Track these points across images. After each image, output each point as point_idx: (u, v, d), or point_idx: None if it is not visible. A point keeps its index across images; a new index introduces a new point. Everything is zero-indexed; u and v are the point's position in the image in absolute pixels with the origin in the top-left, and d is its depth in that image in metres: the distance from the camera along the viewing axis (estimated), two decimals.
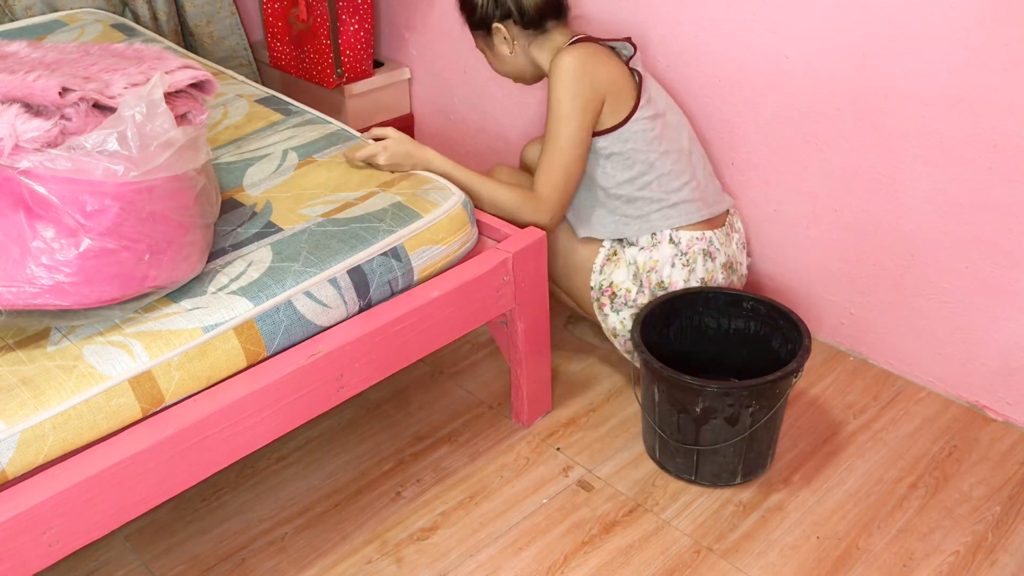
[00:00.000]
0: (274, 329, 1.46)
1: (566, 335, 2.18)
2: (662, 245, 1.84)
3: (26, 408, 1.27)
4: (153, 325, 1.39)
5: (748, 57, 1.97)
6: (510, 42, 1.85)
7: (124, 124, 1.28)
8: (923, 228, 1.86)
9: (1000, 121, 1.67)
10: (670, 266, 1.84)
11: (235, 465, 1.82)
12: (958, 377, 1.95)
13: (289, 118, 1.98)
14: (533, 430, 1.93)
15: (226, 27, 2.78)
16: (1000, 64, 1.63)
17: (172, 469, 1.36)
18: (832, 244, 2.02)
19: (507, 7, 1.81)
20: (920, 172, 1.82)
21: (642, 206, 1.84)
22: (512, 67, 1.91)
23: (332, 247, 1.55)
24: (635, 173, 1.82)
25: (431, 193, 1.69)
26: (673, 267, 1.84)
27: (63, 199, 1.26)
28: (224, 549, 1.69)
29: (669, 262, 1.84)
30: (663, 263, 1.84)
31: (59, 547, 1.28)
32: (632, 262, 1.86)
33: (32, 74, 1.29)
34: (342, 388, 1.53)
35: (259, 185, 1.73)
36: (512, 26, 1.83)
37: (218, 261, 1.52)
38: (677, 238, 1.84)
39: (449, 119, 2.83)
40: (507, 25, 1.83)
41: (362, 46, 2.69)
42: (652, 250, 1.85)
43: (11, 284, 1.26)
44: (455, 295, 1.63)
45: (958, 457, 1.83)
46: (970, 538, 1.66)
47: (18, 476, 1.27)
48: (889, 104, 1.80)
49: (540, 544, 1.68)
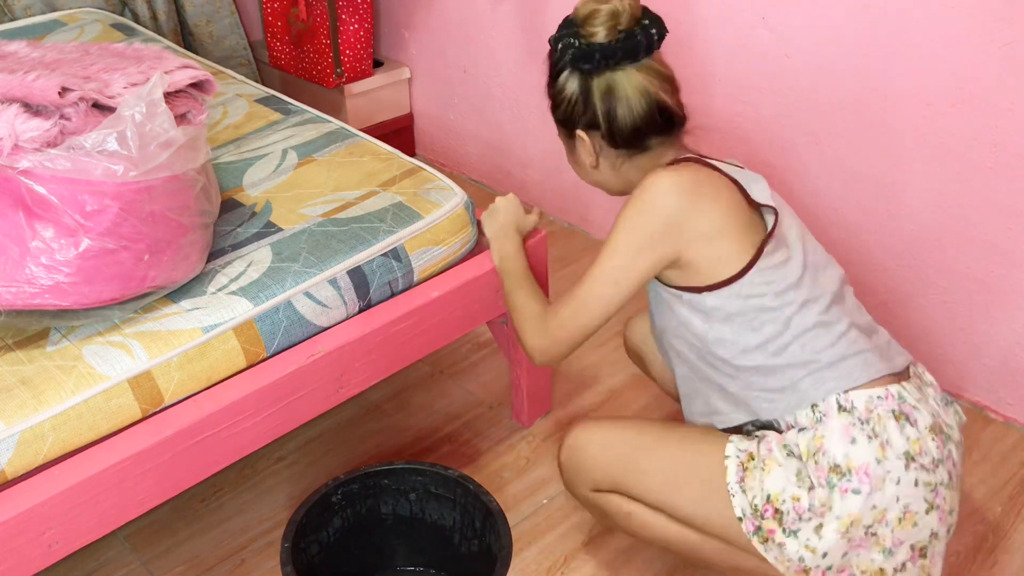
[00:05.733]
0: (274, 329, 1.45)
1: None
2: (828, 416, 1.31)
3: (25, 408, 1.27)
4: (153, 325, 1.39)
5: (749, 56, 1.97)
6: (594, 156, 1.45)
7: (124, 124, 1.28)
8: (923, 228, 1.86)
9: (1000, 121, 1.67)
10: (847, 441, 1.29)
11: (235, 465, 1.81)
12: (958, 377, 1.95)
13: (288, 117, 1.98)
14: (533, 430, 1.93)
15: (226, 27, 2.78)
16: (1000, 64, 1.63)
17: (172, 469, 1.36)
18: (832, 244, 2.02)
19: (595, 117, 1.39)
20: (920, 172, 1.82)
21: (785, 374, 1.35)
22: (593, 179, 1.51)
23: (332, 247, 1.55)
24: (766, 336, 1.35)
25: (432, 193, 1.69)
26: (853, 443, 1.28)
27: (63, 199, 1.25)
28: (224, 549, 1.69)
29: (844, 436, 1.29)
30: (834, 439, 1.29)
31: (59, 547, 1.28)
32: (790, 452, 1.33)
33: (32, 74, 1.29)
34: (342, 388, 1.53)
35: (259, 185, 1.73)
36: (599, 140, 1.42)
37: (218, 261, 1.52)
38: (848, 402, 1.31)
39: (449, 119, 2.83)
40: (592, 136, 1.42)
41: (362, 46, 2.68)
42: (817, 427, 1.32)
43: (10, 284, 1.26)
44: (455, 295, 1.63)
45: None
46: (970, 538, 1.66)
47: (18, 476, 1.27)
48: (889, 104, 1.80)
49: (540, 544, 1.68)
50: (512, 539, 1.43)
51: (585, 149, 1.44)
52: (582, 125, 1.41)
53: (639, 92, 1.37)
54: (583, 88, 1.39)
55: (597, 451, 1.45)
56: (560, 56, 1.39)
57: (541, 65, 1.48)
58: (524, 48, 2.46)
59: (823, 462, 1.29)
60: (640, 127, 1.38)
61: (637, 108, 1.37)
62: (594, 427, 1.48)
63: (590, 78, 1.37)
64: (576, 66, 1.37)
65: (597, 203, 2.49)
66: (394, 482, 1.55)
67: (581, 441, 1.47)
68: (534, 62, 2.44)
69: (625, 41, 1.34)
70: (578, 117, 1.41)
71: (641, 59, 1.36)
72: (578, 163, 1.50)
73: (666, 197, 1.33)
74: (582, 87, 1.39)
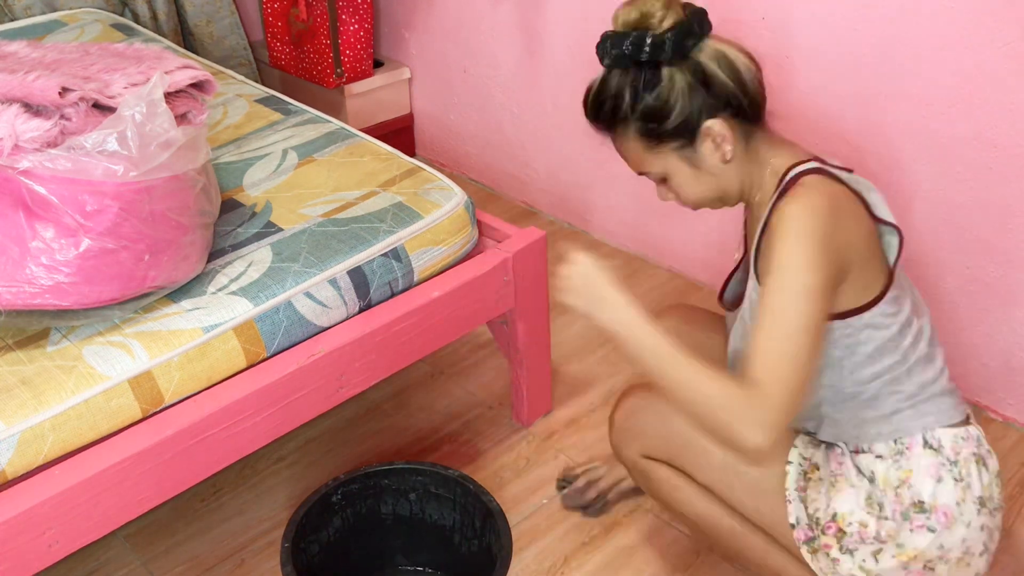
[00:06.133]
0: (274, 329, 1.46)
1: (566, 335, 2.18)
2: (913, 452, 1.29)
3: (26, 408, 1.27)
4: (153, 325, 1.39)
5: None
6: (723, 146, 1.25)
7: (124, 124, 1.28)
8: (923, 228, 1.86)
9: (1000, 121, 1.67)
10: (934, 480, 1.27)
11: (235, 465, 1.81)
12: (958, 377, 1.95)
13: (288, 117, 1.98)
14: (533, 430, 1.93)
15: (226, 27, 2.78)
16: (1000, 64, 1.63)
17: (172, 469, 1.36)
18: None
19: (726, 92, 1.23)
20: (920, 172, 1.82)
21: (887, 405, 1.30)
22: (717, 185, 1.30)
23: (332, 247, 1.55)
24: (884, 366, 1.28)
25: (432, 193, 1.69)
26: (939, 482, 1.27)
27: (63, 199, 1.25)
28: (224, 549, 1.69)
29: (931, 475, 1.27)
30: (923, 476, 1.28)
31: (59, 547, 1.28)
32: (867, 476, 1.31)
33: (32, 74, 1.29)
34: (342, 388, 1.53)
35: (259, 185, 1.73)
36: (729, 120, 1.24)
37: (218, 261, 1.52)
38: (935, 440, 1.29)
39: (449, 119, 2.83)
40: (725, 120, 1.24)
41: (362, 46, 2.68)
42: (898, 459, 1.29)
43: (11, 284, 1.26)
44: (455, 295, 1.63)
45: None
46: None
47: (18, 476, 1.27)
48: (889, 104, 1.80)
49: (540, 544, 1.68)
50: (512, 539, 1.43)
51: (710, 145, 1.25)
52: (707, 113, 1.23)
53: (740, 51, 1.25)
54: (695, 70, 1.23)
55: (656, 420, 1.40)
56: (653, 54, 1.21)
57: (541, 67, 1.47)
58: (524, 48, 2.46)
59: (906, 496, 1.27)
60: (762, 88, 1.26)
61: (751, 67, 1.24)
62: (657, 395, 1.38)
63: (696, 57, 1.23)
64: (679, 51, 1.21)
65: (597, 203, 2.49)
66: (394, 482, 1.55)
67: (641, 405, 1.42)
68: (534, 62, 2.44)
69: (694, 10, 1.24)
70: (701, 107, 1.23)
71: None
72: (697, 175, 1.29)
73: (834, 220, 1.19)
74: (694, 70, 1.23)
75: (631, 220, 2.43)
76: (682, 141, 1.25)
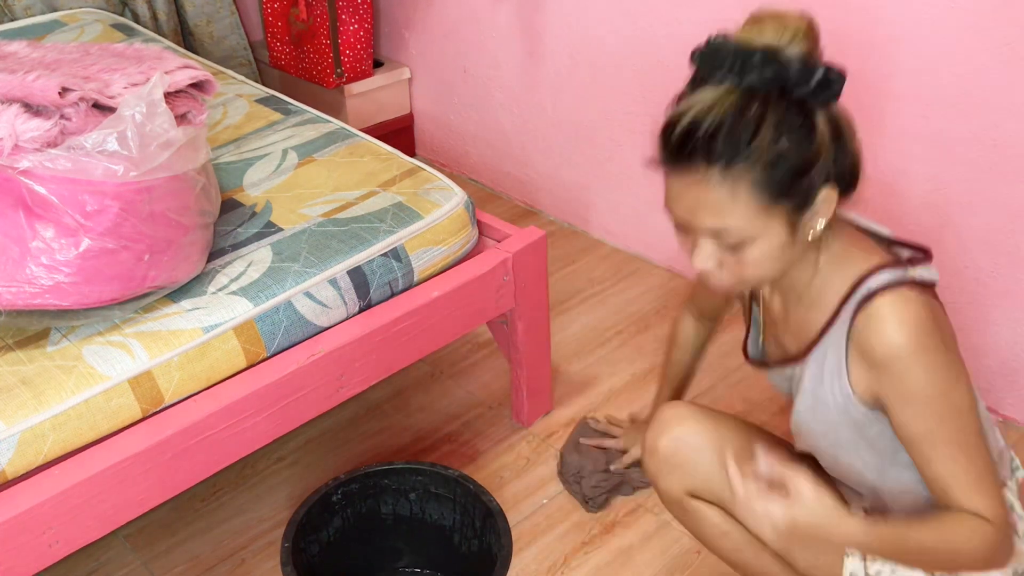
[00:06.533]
0: (274, 329, 1.46)
1: (566, 335, 2.18)
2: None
3: (26, 408, 1.27)
4: (153, 325, 1.39)
5: None
6: (821, 220, 1.07)
7: (124, 124, 1.28)
8: (923, 228, 1.86)
9: (1000, 121, 1.67)
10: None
11: (235, 465, 1.81)
12: None
13: (288, 117, 1.98)
14: (533, 430, 1.93)
15: (226, 27, 2.78)
16: (1000, 64, 1.63)
17: (172, 469, 1.36)
18: None
19: (851, 158, 1.06)
20: (920, 172, 1.82)
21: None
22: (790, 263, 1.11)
23: (332, 247, 1.55)
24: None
25: (432, 193, 1.69)
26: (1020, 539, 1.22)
27: (63, 199, 1.25)
28: (224, 549, 1.69)
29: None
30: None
31: (59, 547, 1.28)
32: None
33: (32, 74, 1.29)
34: (342, 388, 1.53)
35: (259, 185, 1.73)
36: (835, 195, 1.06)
37: (218, 261, 1.52)
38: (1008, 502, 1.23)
39: (449, 119, 2.83)
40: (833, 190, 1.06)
41: (362, 46, 2.69)
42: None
43: (11, 284, 1.26)
44: (455, 295, 1.63)
45: None
46: None
47: (18, 476, 1.27)
48: (889, 104, 1.80)
49: (540, 544, 1.68)
50: (512, 539, 1.43)
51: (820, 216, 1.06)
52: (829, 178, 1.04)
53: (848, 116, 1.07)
54: (832, 122, 1.04)
55: (711, 458, 1.27)
56: (816, 93, 1.01)
57: (541, 67, 1.46)
58: (524, 48, 2.46)
59: None
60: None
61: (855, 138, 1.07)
62: (710, 422, 1.28)
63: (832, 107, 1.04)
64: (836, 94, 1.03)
65: (597, 203, 2.49)
66: (394, 482, 1.55)
67: (694, 438, 1.29)
68: (534, 62, 2.44)
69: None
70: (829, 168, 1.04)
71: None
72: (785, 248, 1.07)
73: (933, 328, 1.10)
74: (830, 121, 1.04)
75: (631, 220, 2.43)
76: (800, 203, 1.04)
